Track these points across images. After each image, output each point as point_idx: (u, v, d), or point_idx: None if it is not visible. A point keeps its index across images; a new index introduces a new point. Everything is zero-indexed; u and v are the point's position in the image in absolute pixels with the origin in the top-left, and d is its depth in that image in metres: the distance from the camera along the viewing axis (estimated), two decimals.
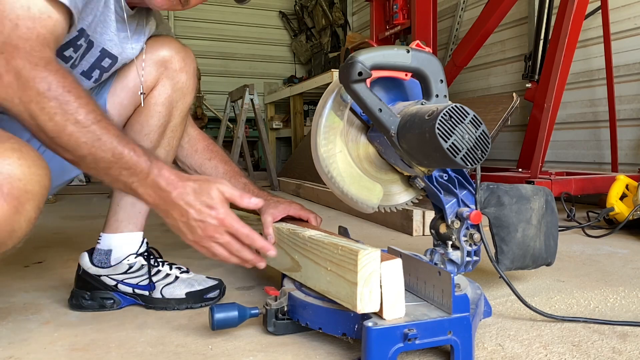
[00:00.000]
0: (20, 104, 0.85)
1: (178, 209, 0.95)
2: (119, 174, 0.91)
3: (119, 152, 0.90)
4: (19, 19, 0.85)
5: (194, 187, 0.96)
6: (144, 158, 0.93)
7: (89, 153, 0.88)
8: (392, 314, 0.88)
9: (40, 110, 0.84)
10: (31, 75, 0.84)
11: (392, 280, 0.88)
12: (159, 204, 0.95)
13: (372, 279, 0.87)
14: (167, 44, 1.27)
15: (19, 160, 0.80)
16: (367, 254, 0.87)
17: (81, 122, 0.87)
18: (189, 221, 0.96)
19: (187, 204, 0.95)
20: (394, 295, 0.88)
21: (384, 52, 1.04)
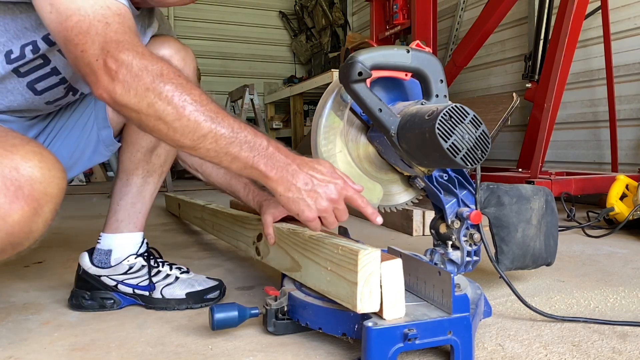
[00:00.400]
0: (137, 95, 0.85)
1: (303, 177, 0.95)
2: (240, 149, 0.91)
3: (237, 127, 0.91)
4: (106, 18, 0.87)
5: (309, 160, 0.99)
6: (261, 134, 0.94)
7: (209, 131, 0.88)
8: (392, 314, 0.88)
9: (158, 95, 0.85)
10: (142, 65, 0.85)
11: (392, 280, 0.88)
12: (282, 176, 0.94)
13: (372, 279, 0.87)
14: (167, 43, 1.26)
15: (39, 163, 0.81)
16: (367, 254, 0.87)
17: (198, 102, 0.88)
18: (315, 187, 0.95)
19: (310, 172, 0.96)
20: (394, 295, 0.88)
21: (384, 52, 1.04)
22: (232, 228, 1.59)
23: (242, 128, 0.92)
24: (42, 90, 1.09)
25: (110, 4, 0.88)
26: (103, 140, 1.27)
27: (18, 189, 0.78)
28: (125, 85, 0.85)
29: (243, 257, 1.79)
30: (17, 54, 1.00)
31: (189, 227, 2.46)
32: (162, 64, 0.88)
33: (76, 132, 1.27)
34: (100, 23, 0.86)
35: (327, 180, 0.97)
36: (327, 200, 0.96)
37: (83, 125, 1.26)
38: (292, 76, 6.82)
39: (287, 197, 0.96)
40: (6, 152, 0.80)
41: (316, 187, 0.96)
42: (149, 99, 0.86)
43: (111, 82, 0.85)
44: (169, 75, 0.87)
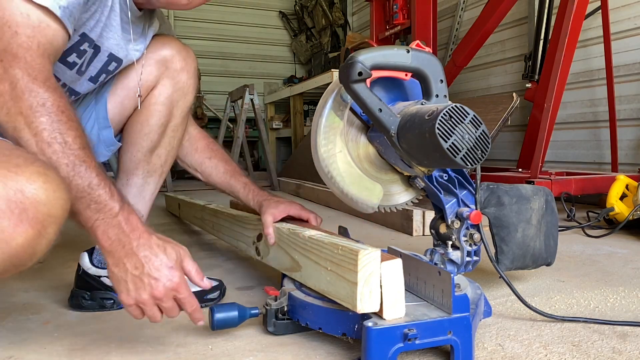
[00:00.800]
0: (8, 115, 0.82)
1: (134, 260, 0.88)
2: (87, 206, 0.86)
3: (96, 183, 0.86)
4: (18, 27, 0.84)
5: (158, 243, 0.90)
6: (117, 198, 0.88)
7: (67, 176, 0.84)
8: (392, 313, 0.88)
9: (28, 124, 0.82)
10: (28, 88, 0.82)
11: (392, 280, 0.88)
12: (114, 250, 0.88)
13: (372, 279, 0.87)
14: (168, 44, 1.27)
15: (44, 184, 0.79)
16: (367, 254, 0.87)
17: (68, 144, 0.84)
18: (142, 276, 0.88)
19: (146, 257, 0.88)
20: (394, 295, 0.88)
21: (384, 52, 1.04)
22: (232, 228, 1.59)
23: (102, 186, 0.86)
24: None
25: (33, 13, 0.85)
26: (103, 140, 1.27)
27: (22, 211, 0.77)
28: (1, 100, 0.82)
29: (243, 257, 1.79)
30: None
31: (189, 227, 2.46)
32: (49, 94, 0.84)
33: None
34: (10, 30, 0.83)
35: (158, 274, 0.88)
36: (149, 294, 0.88)
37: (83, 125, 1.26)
38: (292, 76, 6.82)
39: (112, 272, 0.90)
40: (11, 173, 0.77)
41: (143, 276, 0.88)
42: (17, 124, 0.82)
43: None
44: (51, 108, 0.83)
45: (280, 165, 5.87)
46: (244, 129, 4.42)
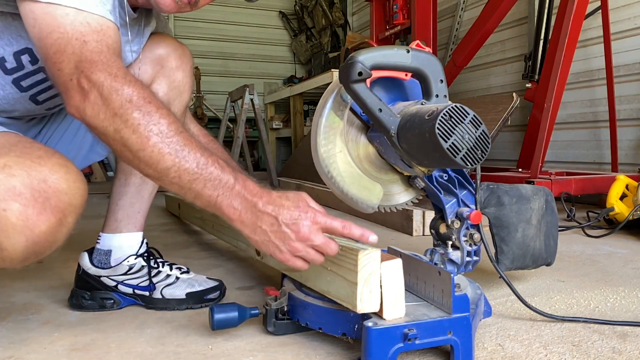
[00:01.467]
0: (105, 119, 0.84)
1: (267, 218, 0.88)
2: (204, 186, 0.87)
3: (204, 163, 0.87)
4: (84, 36, 0.85)
5: (279, 195, 0.90)
6: (228, 170, 0.89)
7: (173, 164, 0.85)
8: (392, 313, 0.88)
9: (124, 122, 0.84)
10: (113, 88, 0.84)
11: (393, 280, 0.88)
12: (244, 217, 0.89)
13: (372, 279, 0.87)
14: (164, 42, 1.26)
15: (65, 175, 0.82)
16: (367, 254, 0.87)
17: (164, 133, 0.85)
18: (281, 227, 0.87)
19: (276, 209, 0.88)
20: (394, 295, 0.88)
21: (384, 52, 1.04)
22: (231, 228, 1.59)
23: (210, 163, 0.87)
24: (44, 100, 1.11)
25: (91, 20, 0.87)
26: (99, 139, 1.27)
27: (46, 200, 0.80)
28: (95, 107, 0.84)
29: (243, 257, 1.79)
30: (12, 63, 1.00)
31: (189, 227, 2.46)
32: (133, 88, 0.85)
33: (72, 131, 1.26)
34: (78, 41, 0.85)
35: (294, 218, 0.87)
36: (298, 239, 0.88)
37: (79, 125, 1.26)
38: (292, 76, 6.81)
39: (255, 240, 0.90)
40: (34, 164, 0.81)
41: (282, 227, 0.87)
42: (115, 125, 0.84)
43: (82, 102, 0.85)
44: (138, 102, 0.85)
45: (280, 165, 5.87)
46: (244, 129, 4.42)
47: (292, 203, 0.89)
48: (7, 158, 0.80)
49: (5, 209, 0.78)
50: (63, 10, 0.85)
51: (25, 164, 0.80)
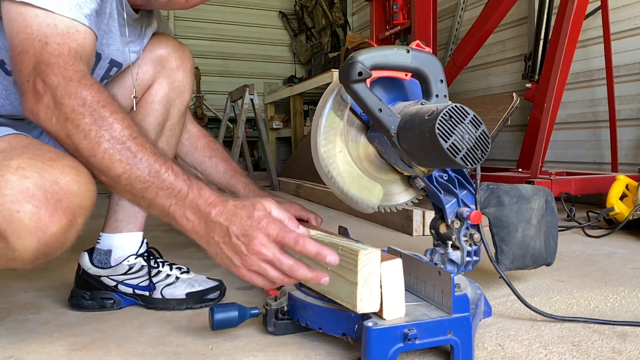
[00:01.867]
0: (58, 124, 0.83)
1: (219, 228, 0.83)
2: (156, 194, 0.84)
3: (156, 170, 0.83)
4: (47, 37, 0.84)
5: (235, 203, 0.85)
6: (183, 177, 0.85)
7: (123, 172, 0.83)
8: (392, 314, 0.88)
9: (76, 127, 0.82)
10: (66, 91, 0.82)
11: (393, 280, 0.89)
12: (198, 228, 0.85)
13: (372, 279, 0.87)
14: (164, 42, 1.26)
15: (76, 177, 0.82)
16: (367, 254, 0.87)
17: (116, 138, 0.83)
18: (231, 239, 0.82)
19: (228, 218, 0.83)
20: (394, 295, 0.88)
21: (384, 52, 1.04)
22: None
23: (163, 170, 0.84)
24: None
25: (59, 22, 0.86)
26: None
27: (57, 202, 0.80)
28: (49, 111, 0.83)
29: None
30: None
31: None
32: (87, 92, 0.83)
33: None
34: (40, 43, 0.84)
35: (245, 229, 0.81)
36: (250, 252, 0.81)
37: None
38: (292, 76, 6.81)
39: (210, 253, 0.86)
40: (46, 166, 0.81)
41: (233, 238, 0.82)
42: (67, 130, 0.83)
43: (36, 105, 0.84)
44: (91, 105, 0.83)
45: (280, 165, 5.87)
46: (244, 129, 4.42)
47: (246, 212, 0.82)
48: (20, 160, 0.81)
49: (18, 210, 0.78)
50: (34, 12, 0.84)
51: (38, 165, 0.80)
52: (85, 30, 0.90)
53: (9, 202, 0.78)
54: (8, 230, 0.79)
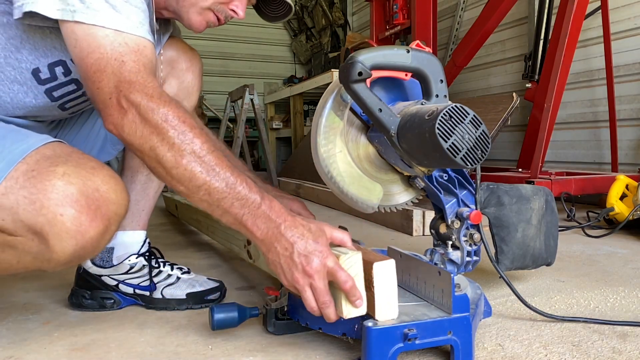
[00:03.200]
0: (142, 137, 0.89)
1: (285, 241, 0.90)
2: (231, 205, 0.89)
3: (233, 182, 0.89)
4: (123, 56, 0.90)
5: (303, 223, 0.92)
6: (256, 189, 0.91)
7: (203, 183, 0.88)
8: (385, 315, 0.88)
9: (160, 141, 0.88)
10: (150, 108, 0.88)
11: (385, 281, 0.88)
12: (265, 237, 0.91)
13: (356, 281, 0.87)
14: (175, 45, 1.29)
15: (115, 186, 0.89)
16: (347, 258, 0.87)
17: (197, 152, 0.88)
18: (293, 255, 0.89)
19: (294, 236, 0.89)
20: (387, 296, 0.88)
21: (384, 52, 1.04)
22: (225, 231, 1.60)
23: (239, 182, 0.90)
24: (70, 107, 1.14)
25: (129, 40, 0.91)
26: (110, 138, 1.29)
27: (97, 208, 0.86)
28: (133, 126, 0.89)
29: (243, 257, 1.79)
30: (46, 74, 1.03)
31: (188, 228, 2.46)
32: (168, 108, 0.89)
33: (85, 131, 1.28)
34: (117, 62, 0.89)
35: (308, 251, 0.88)
36: (302, 271, 0.88)
37: (93, 124, 1.29)
38: (292, 76, 6.81)
39: (268, 258, 0.93)
40: (89, 174, 0.87)
41: (294, 255, 0.89)
42: (151, 143, 0.88)
43: (120, 120, 0.89)
44: (173, 121, 0.89)
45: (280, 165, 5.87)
46: (244, 129, 4.42)
47: (313, 236, 0.90)
48: (66, 167, 0.86)
49: (62, 214, 0.83)
50: (103, 32, 0.89)
51: (81, 173, 0.86)
52: (150, 45, 0.95)
53: (54, 205, 0.83)
54: (50, 232, 0.83)
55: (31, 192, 0.83)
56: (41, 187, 0.83)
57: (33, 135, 0.91)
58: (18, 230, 0.84)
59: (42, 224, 0.83)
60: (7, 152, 0.87)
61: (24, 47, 0.99)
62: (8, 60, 0.99)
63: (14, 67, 1.00)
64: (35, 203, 0.83)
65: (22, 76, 1.02)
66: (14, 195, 0.83)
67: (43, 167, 0.85)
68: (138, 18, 0.93)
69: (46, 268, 0.89)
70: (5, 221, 0.84)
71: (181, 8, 1.11)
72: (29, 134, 0.91)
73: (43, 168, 0.85)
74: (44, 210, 0.83)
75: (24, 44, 0.99)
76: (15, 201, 0.83)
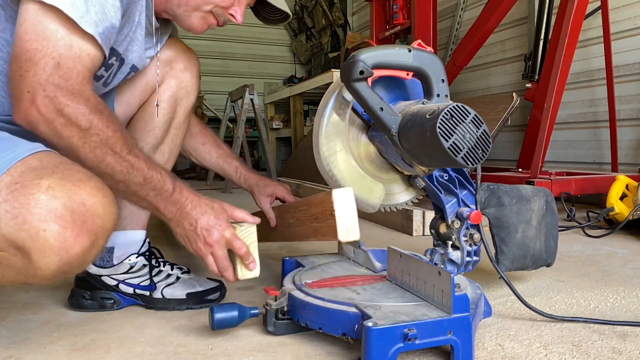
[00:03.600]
0: (63, 139, 0.90)
1: (190, 218, 1.05)
2: (147, 194, 1.01)
3: (149, 176, 0.99)
4: (61, 58, 0.88)
5: (207, 202, 1.07)
6: (169, 180, 1.03)
7: (123, 179, 0.96)
8: (346, 237, 1.05)
9: (82, 144, 0.91)
10: (74, 114, 0.89)
11: (344, 206, 1.04)
12: (174, 217, 1.05)
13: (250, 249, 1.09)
14: (173, 45, 1.30)
15: (102, 199, 0.87)
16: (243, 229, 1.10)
17: (117, 153, 0.94)
18: (196, 229, 1.05)
19: (198, 214, 1.05)
20: (347, 220, 1.05)
21: (385, 51, 1.04)
22: None
23: (153, 177, 1.00)
24: None
25: (75, 44, 0.90)
26: None
27: (83, 223, 0.83)
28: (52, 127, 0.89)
29: None
30: None
31: None
32: (94, 116, 0.91)
33: None
34: (53, 61, 0.88)
35: (210, 225, 1.05)
36: (203, 242, 1.05)
37: None
38: (292, 76, 6.81)
39: (176, 232, 1.07)
40: (75, 187, 0.84)
41: (197, 229, 1.05)
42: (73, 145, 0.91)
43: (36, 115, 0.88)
44: (98, 126, 0.92)
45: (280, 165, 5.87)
46: (244, 129, 4.42)
47: (215, 213, 1.06)
48: (51, 180, 0.83)
49: (45, 230, 0.80)
50: (55, 26, 0.87)
51: (67, 187, 0.83)
52: (95, 52, 0.94)
53: (36, 220, 0.80)
54: (33, 248, 0.80)
55: (14, 206, 0.79)
56: (24, 201, 0.80)
57: (22, 143, 0.89)
58: (1, 245, 0.81)
59: (24, 240, 0.80)
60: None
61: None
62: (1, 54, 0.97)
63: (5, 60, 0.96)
64: (18, 218, 0.79)
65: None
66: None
67: (27, 179, 0.82)
68: (97, 16, 0.91)
69: (32, 282, 0.87)
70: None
71: (183, 12, 1.14)
72: (18, 143, 0.89)
73: (27, 180, 0.82)
74: (26, 225, 0.79)
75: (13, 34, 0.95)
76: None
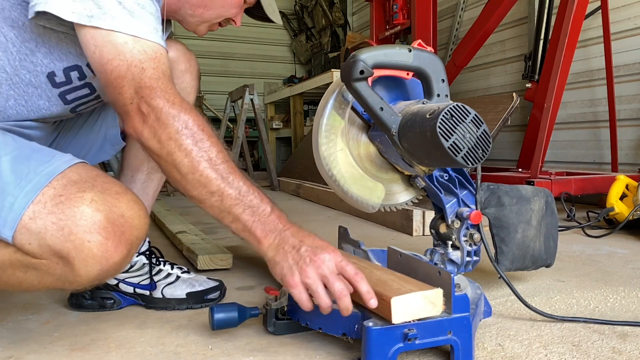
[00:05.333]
0: (160, 142, 0.92)
1: (292, 241, 0.93)
2: (242, 212, 0.93)
3: (245, 190, 0.94)
4: (142, 63, 0.92)
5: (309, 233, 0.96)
6: (266, 200, 0.96)
7: (217, 189, 0.92)
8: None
9: (178, 147, 0.91)
10: (170, 114, 0.91)
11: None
12: (273, 243, 0.94)
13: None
14: (173, 46, 1.31)
15: (138, 211, 0.91)
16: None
17: (213, 160, 0.93)
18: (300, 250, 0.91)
19: (302, 237, 0.94)
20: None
21: (385, 51, 1.04)
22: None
23: (250, 192, 0.94)
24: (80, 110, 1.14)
25: (147, 47, 0.93)
26: (110, 138, 1.29)
27: (122, 234, 0.88)
28: (152, 130, 0.92)
29: (243, 257, 1.79)
30: (61, 77, 1.04)
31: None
32: (188, 115, 0.92)
33: (85, 130, 1.29)
34: (137, 68, 0.91)
35: (315, 246, 0.91)
36: (315, 269, 0.89)
37: (92, 124, 1.29)
38: (292, 76, 6.81)
39: (275, 261, 0.93)
40: (114, 199, 0.88)
41: (302, 250, 0.91)
42: (169, 148, 0.91)
43: (141, 124, 0.92)
44: (192, 128, 0.92)
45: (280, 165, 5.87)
46: (244, 129, 4.42)
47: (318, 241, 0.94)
48: (93, 193, 0.87)
49: (90, 240, 0.85)
50: (122, 39, 0.90)
51: (107, 200, 0.88)
52: (165, 52, 0.97)
53: (82, 232, 0.85)
54: (77, 257, 0.85)
55: (60, 218, 0.84)
56: (70, 214, 0.85)
57: (57, 156, 0.93)
58: (44, 254, 0.86)
59: (69, 250, 0.84)
60: (32, 174, 0.88)
61: (39, 51, 0.99)
62: (23, 63, 0.99)
63: (29, 70, 1.00)
64: (64, 229, 0.84)
65: (37, 79, 1.02)
66: (42, 220, 0.84)
67: (71, 192, 0.87)
68: (152, 24, 0.94)
69: (68, 288, 0.91)
70: (31, 245, 0.85)
71: (194, 21, 1.18)
72: (53, 155, 0.93)
73: (71, 194, 0.86)
74: (72, 236, 0.84)
75: (39, 47, 0.99)
76: (44, 226, 0.84)
